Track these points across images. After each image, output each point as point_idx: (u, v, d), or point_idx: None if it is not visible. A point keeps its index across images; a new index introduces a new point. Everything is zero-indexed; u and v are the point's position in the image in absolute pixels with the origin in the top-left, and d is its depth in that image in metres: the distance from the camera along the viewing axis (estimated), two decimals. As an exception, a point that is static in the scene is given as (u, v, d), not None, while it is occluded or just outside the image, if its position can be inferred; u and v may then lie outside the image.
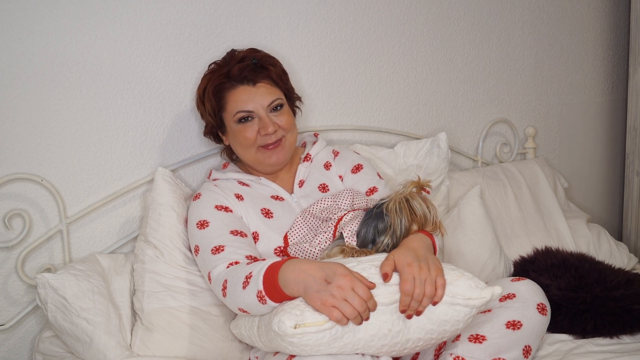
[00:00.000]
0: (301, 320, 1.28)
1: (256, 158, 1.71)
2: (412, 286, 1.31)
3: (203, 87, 1.75)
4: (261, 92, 1.68)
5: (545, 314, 1.50)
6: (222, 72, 1.71)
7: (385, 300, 1.32)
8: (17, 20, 1.68)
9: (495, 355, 1.45)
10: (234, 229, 1.60)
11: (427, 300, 1.32)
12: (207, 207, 1.65)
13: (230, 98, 1.69)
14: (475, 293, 1.34)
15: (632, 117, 2.57)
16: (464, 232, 2.04)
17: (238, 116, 1.68)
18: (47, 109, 1.74)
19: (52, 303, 1.59)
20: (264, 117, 1.67)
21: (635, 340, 1.75)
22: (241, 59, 1.71)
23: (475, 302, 1.33)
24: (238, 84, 1.68)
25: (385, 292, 1.32)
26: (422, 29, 2.30)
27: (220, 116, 1.73)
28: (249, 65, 1.69)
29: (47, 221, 1.77)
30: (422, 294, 1.31)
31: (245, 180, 1.76)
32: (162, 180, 1.78)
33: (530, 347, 1.49)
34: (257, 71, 1.69)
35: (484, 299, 1.34)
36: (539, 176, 2.39)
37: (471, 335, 1.47)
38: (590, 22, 2.68)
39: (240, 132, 1.69)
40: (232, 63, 1.71)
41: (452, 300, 1.34)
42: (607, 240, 2.31)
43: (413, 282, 1.31)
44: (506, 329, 1.47)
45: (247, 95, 1.67)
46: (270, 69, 1.72)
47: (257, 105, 1.67)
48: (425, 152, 2.11)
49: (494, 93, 2.49)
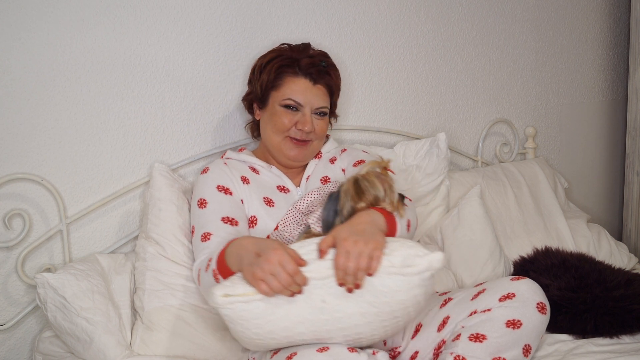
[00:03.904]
0: (231, 291, 1.33)
1: (279, 145, 1.75)
2: (345, 260, 1.33)
3: (269, 59, 1.79)
4: (317, 93, 1.75)
5: (545, 313, 1.50)
6: (291, 56, 1.77)
7: (317, 275, 1.34)
8: (17, 20, 1.68)
9: (496, 354, 1.45)
10: (226, 215, 1.63)
11: (362, 274, 1.33)
12: (209, 186, 1.69)
13: (288, 82, 1.74)
14: (412, 261, 1.34)
15: (632, 117, 2.57)
16: (463, 232, 2.04)
17: (287, 102, 1.73)
18: (47, 108, 1.74)
19: (52, 303, 1.59)
20: (307, 115, 1.73)
21: (635, 340, 1.75)
22: (312, 55, 1.78)
23: (411, 270, 1.33)
24: (301, 75, 1.74)
25: (320, 267, 1.35)
26: (422, 29, 2.30)
27: (268, 92, 1.77)
28: (318, 65, 1.76)
29: (47, 221, 1.77)
30: (355, 267, 1.32)
31: (256, 166, 1.79)
32: (160, 175, 1.79)
33: (530, 346, 1.49)
34: (322, 73, 1.76)
35: (420, 266, 1.33)
36: (539, 176, 2.39)
37: (471, 335, 1.47)
38: (590, 22, 2.68)
39: (279, 115, 1.73)
40: (304, 54, 1.77)
41: (387, 270, 1.34)
42: (607, 240, 2.31)
43: (347, 256, 1.33)
44: (506, 328, 1.47)
45: (304, 88, 1.73)
46: (332, 78, 1.80)
47: (308, 102, 1.73)
48: (424, 152, 2.11)
49: (494, 93, 2.49)
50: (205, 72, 1.94)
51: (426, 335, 1.58)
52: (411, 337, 1.61)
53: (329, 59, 1.82)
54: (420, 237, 2.11)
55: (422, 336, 1.59)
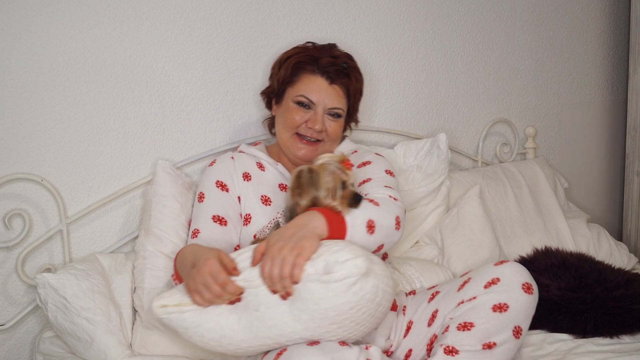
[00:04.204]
0: (168, 301, 1.37)
1: (288, 142, 1.75)
2: (270, 267, 1.33)
3: (289, 54, 1.79)
4: (332, 93, 1.72)
5: (531, 293, 1.50)
6: (312, 54, 1.75)
7: (249, 284, 1.36)
8: (17, 20, 1.68)
9: (485, 340, 1.45)
10: (217, 214, 1.64)
11: (287, 281, 1.32)
12: (210, 180, 1.70)
13: (303, 79, 1.73)
14: (332, 268, 1.31)
15: (632, 117, 2.57)
16: (463, 232, 2.04)
17: (299, 99, 1.72)
18: (47, 109, 1.74)
19: (53, 303, 1.59)
20: (319, 114, 1.71)
21: (635, 340, 1.75)
22: (336, 56, 1.76)
23: (330, 277, 1.30)
24: (318, 73, 1.72)
25: (252, 275, 1.36)
26: (422, 29, 2.30)
27: (284, 87, 1.76)
28: (338, 64, 1.73)
29: (47, 221, 1.77)
30: (279, 274, 1.32)
31: (264, 162, 1.78)
32: (164, 172, 1.80)
33: (521, 328, 1.49)
34: (340, 74, 1.73)
35: (338, 274, 1.30)
36: (539, 176, 2.39)
37: (459, 324, 1.48)
38: (590, 22, 2.68)
39: (291, 111, 1.72)
40: (327, 53, 1.75)
41: (309, 278, 1.32)
42: (607, 240, 2.31)
43: (271, 262, 1.33)
44: (493, 312, 1.46)
45: (319, 86, 1.71)
46: (352, 80, 1.76)
47: (321, 101, 1.71)
48: (425, 153, 2.11)
49: (494, 93, 2.49)
50: (205, 72, 1.94)
51: (417, 332, 1.58)
52: (403, 336, 1.61)
53: (352, 61, 1.80)
54: (420, 237, 2.12)
55: (413, 333, 1.59)
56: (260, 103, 2.00)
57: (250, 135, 2.01)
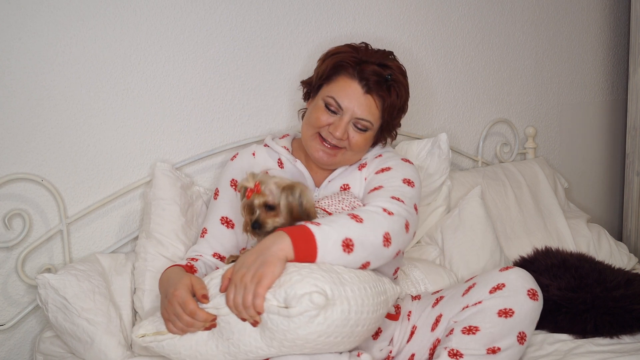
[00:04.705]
0: (147, 330, 1.40)
1: (309, 140, 1.66)
2: (233, 295, 1.29)
3: (335, 51, 1.69)
4: (364, 102, 1.60)
5: (536, 299, 1.50)
6: (359, 57, 1.64)
7: (217, 311, 1.33)
8: (17, 20, 1.68)
9: (490, 345, 1.45)
10: (225, 215, 1.65)
11: (250, 310, 1.27)
12: (226, 178, 1.70)
13: (339, 81, 1.63)
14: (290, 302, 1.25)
15: (632, 117, 2.57)
16: (464, 233, 2.04)
17: (329, 100, 1.62)
18: (47, 109, 1.74)
19: (53, 303, 1.59)
20: (344, 121, 1.60)
21: (635, 340, 1.75)
22: (385, 65, 1.64)
23: (288, 312, 1.25)
24: (356, 79, 1.61)
25: (220, 303, 1.33)
26: (422, 29, 2.30)
27: (321, 83, 1.67)
28: (381, 75, 1.61)
29: (47, 221, 1.77)
30: (243, 303, 1.28)
31: (284, 159, 1.71)
32: (162, 174, 1.79)
33: (525, 333, 1.49)
34: (380, 85, 1.61)
35: (296, 309, 1.24)
36: (539, 176, 2.39)
37: (464, 328, 1.47)
38: (590, 22, 2.68)
39: (317, 110, 1.64)
40: (376, 60, 1.64)
41: (270, 309, 1.26)
42: (607, 240, 2.31)
43: (235, 290, 1.29)
44: (498, 317, 1.46)
45: (353, 93, 1.60)
46: (392, 94, 1.64)
47: (350, 108, 1.60)
48: (426, 153, 2.11)
49: (494, 93, 2.49)
50: (205, 72, 1.94)
51: (420, 337, 1.58)
52: (406, 342, 1.61)
53: (402, 76, 1.67)
54: (421, 237, 2.12)
55: (417, 338, 1.59)
56: (261, 103, 2.00)
57: (249, 135, 2.01)
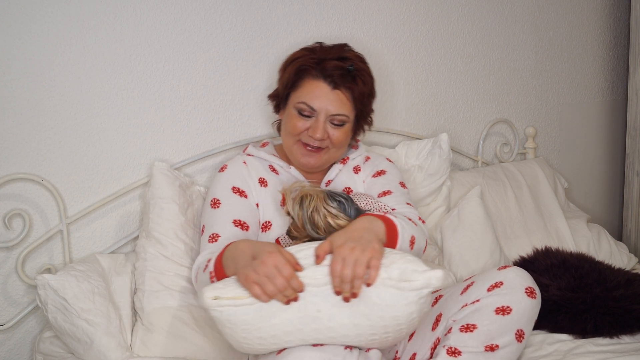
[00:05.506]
0: (221, 293, 1.29)
1: (292, 148, 1.70)
2: (340, 267, 1.30)
3: (294, 57, 1.72)
4: (335, 98, 1.64)
5: (534, 297, 1.50)
6: (317, 57, 1.67)
7: (313, 281, 1.31)
8: (17, 21, 1.68)
9: (488, 342, 1.45)
10: (238, 218, 1.60)
11: (359, 282, 1.30)
12: (225, 186, 1.65)
13: (306, 85, 1.66)
14: (410, 276, 1.30)
15: (632, 117, 2.57)
16: (464, 233, 2.04)
17: (300, 106, 1.65)
18: (47, 109, 1.74)
19: (53, 304, 1.58)
20: (320, 122, 1.64)
21: (635, 340, 1.75)
22: (343, 58, 1.67)
23: (407, 285, 1.30)
24: (321, 78, 1.64)
25: (316, 274, 1.32)
26: (422, 29, 2.30)
27: (289, 92, 1.70)
28: (343, 68, 1.65)
29: (47, 221, 1.77)
30: (351, 274, 1.29)
31: (276, 165, 1.74)
32: (160, 174, 1.78)
33: (523, 331, 1.48)
34: (345, 78, 1.65)
35: (418, 282, 1.30)
36: (539, 176, 2.39)
37: (462, 326, 1.47)
38: (590, 22, 2.68)
39: (292, 118, 1.67)
40: (333, 55, 1.67)
41: (384, 282, 1.31)
42: (607, 240, 2.31)
43: (342, 262, 1.30)
44: (496, 315, 1.46)
45: (321, 92, 1.64)
46: (358, 83, 1.67)
47: (323, 108, 1.64)
48: (426, 153, 2.11)
49: (494, 93, 2.49)
50: (205, 72, 1.94)
51: (421, 336, 1.58)
52: (408, 340, 1.61)
53: (362, 63, 1.72)
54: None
55: (417, 337, 1.59)
56: (261, 102, 2.00)
57: (249, 135, 2.01)
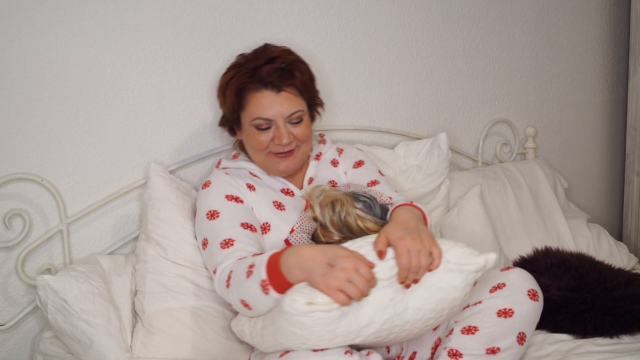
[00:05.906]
0: (313, 299, 1.30)
1: (265, 162, 1.70)
2: (408, 259, 1.34)
3: (227, 79, 1.70)
4: (283, 101, 1.64)
5: (536, 300, 1.50)
6: (249, 68, 1.66)
7: (384, 275, 1.35)
8: (17, 21, 1.68)
9: (489, 345, 1.45)
10: (244, 222, 1.58)
11: (424, 271, 1.36)
12: (217, 197, 1.63)
13: (251, 100, 1.65)
14: (469, 259, 1.37)
15: (632, 117, 2.57)
16: (463, 232, 2.04)
17: (256, 122, 1.65)
18: (47, 109, 1.74)
19: (53, 305, 1.58)
20: (281, 127, 1.64)
21: (635, 340, 1.75)
22: (272, 58, 1.67)
23: (470, 268, 1.37)
24: (262, 88, 1.64)
25: (384, 268, 1.36)
26: (422, 29, 2.30)
27: (238, 113, 1.70)
28: (277, 69, 1.64)
29: (47, 221, 1.77)
30: (418, 265, 1.34)
31: (255, 172, 1.74)
32: (156, 175, 1.77)
33: (525, 334, 1.49)
34: (283, 77, 1.65)
35: (479, 264, 1.36)
36: (539, 176, 2.39)
37: (464, 328, 1.48)
38: (590, 22, 2.68)
39: (253, 136, 1.67)
40: (262, 61, 1.66)
41: (446, 267, 1.37)
42: (607, 240, 2.31)
43: (408, 254, 1.34)
44: (498, 317, 1.47)
45: (269, 101, 1.63)
46: (296, 76, 1.67)
47: (277, 114, 1.64)
48: (425, 153, 2.11)
49: (494, 93, 2.49)
50: (205, 72, 1.94)
51: (423, 335, 1.58)
52: None
53: (291, 55, 1.70)
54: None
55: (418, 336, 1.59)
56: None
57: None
